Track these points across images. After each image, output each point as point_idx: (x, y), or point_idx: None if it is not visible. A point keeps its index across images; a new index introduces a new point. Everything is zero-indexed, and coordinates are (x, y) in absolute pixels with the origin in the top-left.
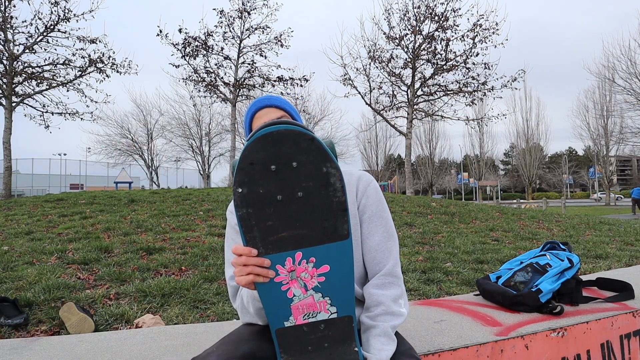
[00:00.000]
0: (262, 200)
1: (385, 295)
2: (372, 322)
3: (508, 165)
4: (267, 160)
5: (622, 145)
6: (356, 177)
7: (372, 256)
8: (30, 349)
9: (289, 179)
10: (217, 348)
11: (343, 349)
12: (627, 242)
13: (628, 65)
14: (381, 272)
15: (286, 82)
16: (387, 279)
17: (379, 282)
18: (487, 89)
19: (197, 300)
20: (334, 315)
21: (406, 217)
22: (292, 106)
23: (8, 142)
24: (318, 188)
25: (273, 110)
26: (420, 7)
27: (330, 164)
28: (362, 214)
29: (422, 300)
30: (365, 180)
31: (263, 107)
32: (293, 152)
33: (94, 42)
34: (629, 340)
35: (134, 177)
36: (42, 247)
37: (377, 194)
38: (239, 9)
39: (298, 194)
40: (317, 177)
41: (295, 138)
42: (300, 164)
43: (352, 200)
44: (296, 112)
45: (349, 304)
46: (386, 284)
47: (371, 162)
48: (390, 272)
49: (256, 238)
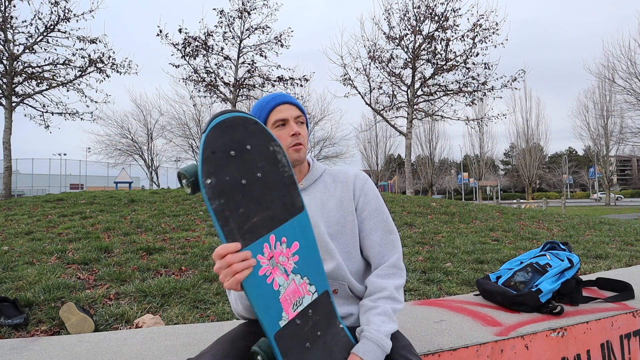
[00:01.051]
0: (230, 187)
1: (389, 283)
2: (374, 303)
3: (508, 165)
4: (226, 147)
5: (622, 145)
6: (352, 175)
7: (377, 251)
8: (30, 349)
9: (248, 161)
10: (212, 348)
11: (333, 331)
12: (627, 242)
13: (628, 65)
14: (386, 263)
15: (286, 82)
16: (392, 270)
17: (383, 272)
18: (487, 89)
19: (197, 300)
20: (315, 295)
21: (406, 217)
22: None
23: (8, 142)
24: (270, 166)
25: (293, 108)
26: (420, 7)
27: (274, 142)
28: (362, 211)
29: (422, 300)
30: (361, 179)
31: (285, 102)
32: (244, 136)
33: (94, 42)
34: (629, 340)
35: (134, 177)
36: (42, 247)
37: (374, 190)
38: (239, 9)
39: (257, 174)
40: (268, 157)
41: (244, 123)
42: (253, 147)
43: (349, 198)
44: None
45: (322, 277)
46: (390, 274)
47: (371, 162)
48: (394, 264)
49: (234, 230)
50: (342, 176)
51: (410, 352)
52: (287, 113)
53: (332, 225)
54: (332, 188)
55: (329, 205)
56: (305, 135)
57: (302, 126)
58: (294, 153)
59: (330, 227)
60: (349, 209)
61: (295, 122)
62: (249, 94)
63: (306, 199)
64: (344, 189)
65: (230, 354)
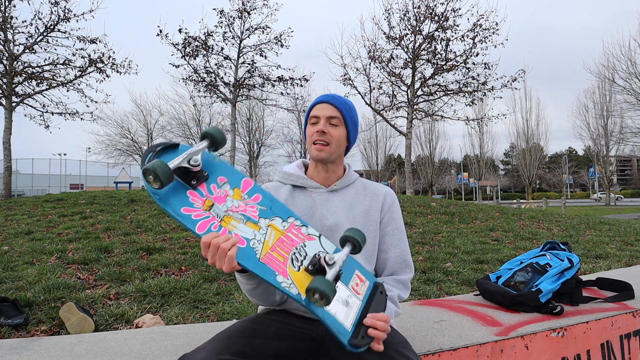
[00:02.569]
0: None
1: (395, 290)
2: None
3: (508, 165)
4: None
5: (622, 145)
6: (384, 190)
7: (392, 265)
8: (30, 349)
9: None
10: (208, 344)
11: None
12: (627, 242)
13: (628, 65)
14: (398, 277)
15: (286, 82)
16: (402, 284)
17: (393, 281)
18: (487, 89)
19: (197, 300)
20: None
21: (406, 217)
22: (352, 113)
23: (8, 142)
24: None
25: (329, 108)
26: (420, 7)
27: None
28: (386, 226)
29: (422, 300)
30: (392, 196)
31: (323, 102)
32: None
33: (94, 42)
34: (629, 340)
35: (134, 177)
36: (42, 247)
37: (400, 210)
38: (239, 9)
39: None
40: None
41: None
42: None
43: (377, 209)
44: (352, 112)
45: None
46: (399, 285)
47: (371, 162)
48: (405, 282)
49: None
50: (374, 188)
51: (407, 349)
52: (321, 112)
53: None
54: (362, 196)
55: (356, 210)
56: (335, 135)
57: (336, 127)
58: (314, 151)
59: None
60: (374, 219)
61: (327, 121)
62: (249, 94)
63: (336, 200)
64: (373, 200)
65: (226, 351)
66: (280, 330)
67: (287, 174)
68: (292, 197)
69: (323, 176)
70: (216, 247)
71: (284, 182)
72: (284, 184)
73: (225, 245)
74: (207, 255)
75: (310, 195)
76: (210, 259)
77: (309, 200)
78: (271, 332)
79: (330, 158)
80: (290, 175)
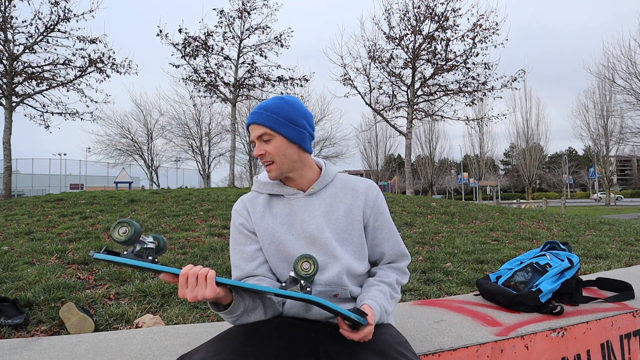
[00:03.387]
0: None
1: (394, 276)
2: (377, 282)
3: (508, 165)
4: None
5: (622, 145)
6: (365, 186)
7: (388, 258)
8: (30, 349)
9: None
10: (207, 345)
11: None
12: (627, 242)
13: (628, 65)
14: (396, 264)
15: (286, 82)
16: (399, 271)
17: (391, 268)
18: (487, 89)
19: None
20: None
21: (406, 217)
22: (279, 116)
23: (8, 142)
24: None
25: (257, 127)
26: (420, 7)
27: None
28: (374, 221)
29: (422, 300)
30: (374, 190)
31: (250, 123)
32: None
33: (94, 42)
34: (629, 340)
35: (134, 177)
36: (42, 247)
37: (384, 202)
38: (239, 9)
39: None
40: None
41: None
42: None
43: (359, 206)
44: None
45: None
46: (397, 271)
47: (371, 162)
48: (402, 269)
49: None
50: (353, 184)
51: (407, 349)
52: (252, 134)
53: (339, 232)
54: (342, 194)
55: (337, 211)
56: (273, 151)
57: (269, 142)
58: (268, 173)
59: (338, 233)
60: (357, 217)
61: (260, 141)
62: (249, 94)
63: (314, 204)
64: (355, 198)
65: (224, 351)
66: (279, 330)
67: (262, 183)
68: (270, 206)
69: (295, 183)
70: (195, 275)
71: (260, 192)
72: (261, 193)
73: (203, 271)
74: (185, 289)
75: (289, 202)
76: (189, 293)
77: (288, 208)
78: (270, 332)
79: (284, 172)
80: (266, 184)
